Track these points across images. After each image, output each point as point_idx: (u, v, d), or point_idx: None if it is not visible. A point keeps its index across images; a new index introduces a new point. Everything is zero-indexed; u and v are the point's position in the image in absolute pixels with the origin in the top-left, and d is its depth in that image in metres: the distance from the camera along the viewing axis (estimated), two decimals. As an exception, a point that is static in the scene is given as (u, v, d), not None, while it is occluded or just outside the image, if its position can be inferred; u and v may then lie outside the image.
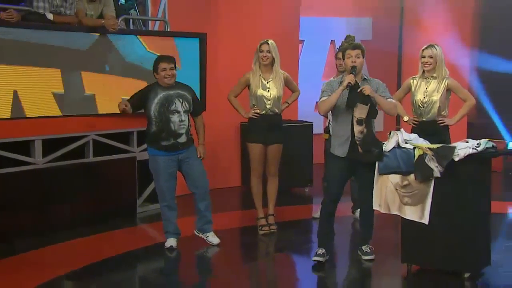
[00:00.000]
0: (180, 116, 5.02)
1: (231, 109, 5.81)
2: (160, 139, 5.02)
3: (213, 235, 5.28)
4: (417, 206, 4.48)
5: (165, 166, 5.04)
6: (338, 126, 4.74)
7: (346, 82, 4.57)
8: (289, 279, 4.86)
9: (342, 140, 4.69)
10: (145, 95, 5.05)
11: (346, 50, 4.70)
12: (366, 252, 4.91)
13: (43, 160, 5.50)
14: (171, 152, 5.04)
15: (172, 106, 5.01)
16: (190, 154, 5.12)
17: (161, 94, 5.01)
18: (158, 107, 4.99)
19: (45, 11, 5.47)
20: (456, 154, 4.34)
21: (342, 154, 4.70)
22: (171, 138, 5.02)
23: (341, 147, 4.70)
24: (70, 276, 4.59)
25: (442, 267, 4.53)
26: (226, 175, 7.66)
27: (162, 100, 5.00)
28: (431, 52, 5.26)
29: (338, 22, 8.93)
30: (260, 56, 5.50)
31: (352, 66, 4.64)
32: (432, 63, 5.26)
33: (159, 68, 5.01)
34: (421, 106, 5.36)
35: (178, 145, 5.04)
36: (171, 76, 5.03)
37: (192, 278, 4.82)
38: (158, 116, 5.00)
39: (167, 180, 5.08)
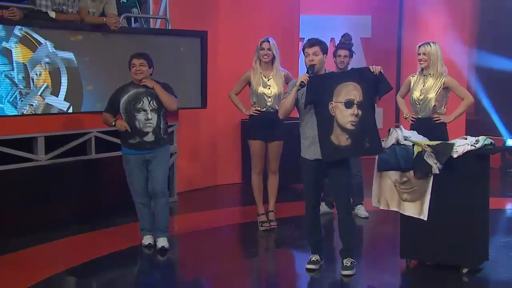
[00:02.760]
0: (146, 115, 4.89)
1: (232, 107, 5.82)
2: (128, 137, 4.94)
3: (162, 240, 5.05)
4: (416, 202, 4.49)
5: (135, 165, 4.95)
6: (303, 128, 4.46)
7: (299, 81, 4.29)
8: (289, 275, 4.87)
9: (308, 142, 4.41)
10: (116, 97, 4.97)
11: (304, 48, 4.41)
12: (346, 266, 4.46)
13: (45, 157, 5.52)
14: (139, 151, 4.93)
15: (139, 104, 4.90)
16: (158, 154, 4.97)
17: (131, 92, 4.92)
18: (125, 104, 4.91)
19: (47, 9, 5.47)
20: (454, 151, 4.35)
21: (311, 157, 4.40)
22: (137, 137, 4.91)
23: (309, 149, 4.41)
24: (70, 273, 4.59)
25: (441, 262, 4.54)
26: (227, 172, 7.68)
27: (130, 98, 4.91)
28: (424, 49, 5.27)
29: (337, 20, 8.96)
30: (261, 54, 5.54)
31: (310, 65, 4.34)
32: (426, 60, 5.27)
33: (131, 64, 4.94)
34: (418, 103, 5.38)
35: (145, 144, 4.92)
36: (140, 72, 4.89)
37: (192, 274, 4.81)
38: (125, 113, 4.92)
39: (138, 178, 4.98)
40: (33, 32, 5.37)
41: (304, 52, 4.43)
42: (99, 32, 5.77)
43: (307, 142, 4.42)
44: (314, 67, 4.36)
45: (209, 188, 7.45)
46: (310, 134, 4.40)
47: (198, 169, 7.38)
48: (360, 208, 6.12)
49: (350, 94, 4.28)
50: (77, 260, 4.80)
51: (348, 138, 4.29)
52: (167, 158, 5.15)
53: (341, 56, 5.96)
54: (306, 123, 4.42)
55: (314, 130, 4.36)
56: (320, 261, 4.62)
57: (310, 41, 4.45)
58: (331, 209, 6.14)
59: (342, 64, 5.96)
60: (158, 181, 5.01)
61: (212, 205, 6.80)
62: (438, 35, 7.66)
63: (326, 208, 6.12)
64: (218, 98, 6.97)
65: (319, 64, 4.38)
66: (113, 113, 5.00)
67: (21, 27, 5.28)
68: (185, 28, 6.54)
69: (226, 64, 7.33)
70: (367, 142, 4.30)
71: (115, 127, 4.96)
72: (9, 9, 5.17)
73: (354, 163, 5.95)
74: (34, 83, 5.41)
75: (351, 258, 4.51)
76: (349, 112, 4.28)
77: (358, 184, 6.08)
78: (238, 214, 6.45)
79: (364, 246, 5.57)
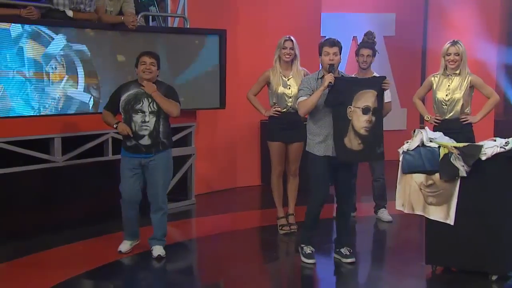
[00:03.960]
0: (143, 117, 4.70)
1: (251, 108, 5.76)
2: (125, 138, 4.78)
3: (158, 248, 4.89)
4: (442, 206, 4.41)
5: (128, 168, 4.77)
6: (314, 125, 4.60)
7: (326, 82, 4.44)
8: (311, 280, 4.80)
9: (320, 139, 4.57)
10: (118, 95, 4.80)
11: (323, 47, 4.56)
12: (347, 254, 4.75)
13: (62, 158, 5.49)
14: (134, 154, 4.76)
15: (138, 104, 4.72)
16: (157, 161, 4.77)
17: (132, 91, 4.74)
18: (124, 103, 4.73)
19: (65, 8, 5.47)
20: (483, 153, 4.25)
21: (320, 153, 4.58)
22: (132, 139, 4.73)
23: (320, 146, 4.57)
24: (89, 275, 4.57)
25: (468, 268, 4.45)
26: (246, 174, 7.61)
27: (130, 97, 4.73)
28: (457, 49, 5.14)
29: (360, 18, 8.79)
30: (283, 53, 5.43)
31: (330, 65, 4.52)
32: (458, 60, 5.15)
33: (139, 62, 4.74)
34: (444, 104, 5.26)
35: (141, 148, 4.73)
36: (149, 71, 4.72)
37: (211, 278, 4.78)
38: (123, 113, 4.74)
39: (129, 182, 4.78)
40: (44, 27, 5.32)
41: (323, 51, 4.58)
42: (117, 31, 5.72)
43: (318, 139, 4.59)
44: (334, 66, 4.54)
45: (228, 191, 7.39)
46: (323, 132, 4.57)
47: (217, 171, 7.32)
48: (383, 212, 5.98)
49: (368, 101, 4.52)
50: (96, 262, 4.77)
51: (360, 143, 4.54)
52: (168, 164, 4.89)
53: (363, 55, 5.79)
54: (319, 120, 4.58)
55: (327, 128, 4.54)
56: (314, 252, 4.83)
57: (331, 41, 4.60)
58: (353, 213, 6.04)
59: (365, 64, 5.80)
60: (158, 193, 4.83)
61: (231, 207, 6.74)
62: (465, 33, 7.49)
63: None
64: (237, 99, 6.89)
65: (337, 64, 4.57)
66: (113, 111, 4.84)
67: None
68: (203, 27, 6.49)
69: (245, 63, 7.27)
70: (379, 148, 4.62)
71: (116, 129, 4.78)
72: (27, 8, 5.18)
73: (378, 165, 5.83)
74: (51, 78, 5.35)
75: (348, 247, 4.78)
76: (365, 118, 4.52)
77: (381, 187, 5.95)
78: (258, 217, 6.39)
79: (389, 251, 5.49)
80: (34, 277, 4.51)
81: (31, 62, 5.24)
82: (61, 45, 5.41)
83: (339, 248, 4.82)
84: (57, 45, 5.39)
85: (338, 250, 4.83)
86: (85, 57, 5.57)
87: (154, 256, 4.88)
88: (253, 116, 7.02)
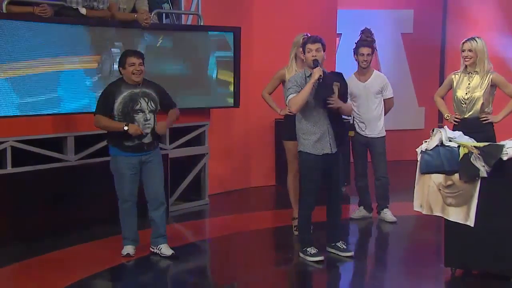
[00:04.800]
0: (145, 116, 4.70)
1: (265, 106, 5.71)
2: (123, 139, 4.69)
3: (166, 247, 4.89)
4: (462, 207, 4.33)
5: (128, 168, 4.72)
6: (309, 124, 4.68)
7: (316, 75, 4.54)
8: (325, 282, 4.74)
9: (316, 138, 4.66)
10: (111, 98, 4.69)
11: (306, 45, 4.70)
12: (344, 248, 4.87)
13: (75, 157, 5.47)
14: (135, 153, 4.72)
15: (137, 105, 4.68)
16: (153, 157, 4.81)
17: (126, 93, 4.67)
18: (121, 106, 4.65)
19: (78, 5, 5.45)
20: (504, 153, 4.16)
21: (319, 152, 4.67)
22: (135, 139, 4.68)
23: (316, 145, 4.67)
24: (103, 275, 4.54)
25: (488, 271, 4.36)
26: (260, 174, 7.56)
27: (126, 99, 4.66)
28: (470, 45, 5.04)
29: (377, 14, 8.68)
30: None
31: (314, 60, 4.63)
32: (472, 57, 5.05)
33: (126, 63, 4.65)
34: (463, 103, 5.16)
35: (143, 146, 4.73)
36: (140, 73, 4.66)
37: (224, 279, 4.72)
38: (121, 116, 4.67)
39: (130, 183, 4.76)
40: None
41: (306, 48, 4.71)
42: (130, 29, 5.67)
43: (314, 138, 4.68)
44: (318, 61, 4.64)
45: (242, 190, 7.33)
46: (319, 131, 4.68)
47: (230, 170, 7.27)
48: (387, 212, 5.89)
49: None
50: (109, 262, 4.76)
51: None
52: (161, 159, 4.94)
53: (363, 54, 5.73)
54: (313, 119, 4.67)
55: (323, 126, 4.67)
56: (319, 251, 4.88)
57: (313, 38, 4.74)
58: (370, 213, 5.98)
59: (365, 63, 5.74)
60: (159, 188, 4.86)
61: (245, 208, 6.68)
62: (486, 30, 7.33)
63: (364, 213, 5.98)
64: (252, 97, 6.83)
65: (321, 60, 4.67)
66: (107, 115, 4.72)
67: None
68: (217, 24, 6.42)
69: (260, 61, 7.22)
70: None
71: (128, 132, 4.67)
72: (40, 6, 5.17)
73: (381, 164, 5.78)
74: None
75: (342, 240, 4.91)
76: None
77: (384, 187, 5.88)
78: (272, 218, 6.33)
79: (407, 254, 5.40)
80: (45, 278, 4.49)
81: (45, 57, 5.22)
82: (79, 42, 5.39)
83: (334, 242, 4.89)
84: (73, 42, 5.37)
85: (333, 244, 4.89)
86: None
87: (167, 255, 4.85)
88: (267, 115, 6.96)
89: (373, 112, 5.78)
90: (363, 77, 5.81)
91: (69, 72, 5.34)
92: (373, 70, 5.88)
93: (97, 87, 5.42)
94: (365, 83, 5.79)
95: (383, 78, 5.88)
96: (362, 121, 5.80)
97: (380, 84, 5.81)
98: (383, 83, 5.82)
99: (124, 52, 4.86)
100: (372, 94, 5.77)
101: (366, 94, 5.77)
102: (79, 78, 5.42)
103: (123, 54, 4.80)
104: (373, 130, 5.80)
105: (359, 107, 5.78)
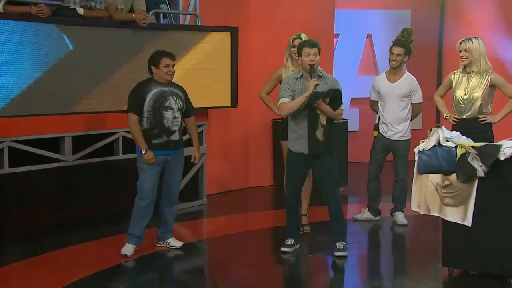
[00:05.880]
0: (173, 113, 4.83)
1: (263, 107, 5.72)
2: (151, 136, 4.80)
3: (174, 239, 5.10)
4: (459, 207, 4.33)
5: (155, 165, 4.82)
6: (293, 122, 4.78)
7: (311, 88, 4.59)
8: (324, 282, 4.74)
9: (296, 136, 4.77)
10: (142, 95, 4.78)
11: (304, 48, 4.69)
12: (339, 248, 4.89)
13: (73, 157, 5.46)
14: (163, 151, 4.83)
15: (166, 102, 4.82)
16: (178, 157, 4.96)
17: (155, 90, 4.81)
18: (152, 102, 4.78)
19: (75, 5, 5.43)
20: (501, 153, 4.16)
21: (295, 149, 4.80)
22: (164, 136, 4.83)
23: (295, 142, 4.79)
24: (100, 276, 4.54)
25: (486, 271, 4.36)
26: (258, 174, 7.55)
27: (157, 96, 4.80)
28: (466, 45, 5.05)
29: (375, 14, 8.69)
30: (293, 51, 5.33)
31: (310, 66, 4.65)
32: (468, 57, 5.06)
33: (161, 63, 4.80)
34: (462, 103, 5.16)
35: (171, 143, 4.85)
36: (173, 74, 4.85)
37: (222, 279, 4.72)
38: (151, 112, 4.78)
39: (153, 180, 4.85)
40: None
41: (303, 52, 4.69)
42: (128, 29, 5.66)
43: (295, 136, 4.79)
44: (314, 68, 4.66)
45: (240, 191, 7.33)
46: (299, 132, 4.76)
47: (228, 170, 7.26)
48: (399, 215, 5.87)
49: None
50: (108, 262, 4.76)
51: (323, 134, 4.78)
52: (184, 160, 5.09)
53: (393, 54, 5.64)
54: (296, 119, 4.75)
55: (302, 130, 4.73)
56: (295, 245, 5.01)
57: (311, 42, 4.74)
58: (376, 217, 5.94)
59: (394, 63, 5.64)
60: (176, 188, 5.03)
61: (243, 208, 6.69)
62: (484, 30, 7.33)
63: (369, 215, 5.96)
64: (249, 97, 6.83)
65: (317, 65, 4.71)
66: (139, 113, 4.82)
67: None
68: (215, 24, 6.41)
69: (258, 61, 7.21)
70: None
71: (143, 154, 4.78)
72: (37, 6, 5.15)
73: (401, 167, 5.73)
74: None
75: (343, 241, 4.90)
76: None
77: (402, 189, 5.83)
78: (270, 218, 6.31)
79: (404, 253, 5.42)
80: (46, 277, 4.49)
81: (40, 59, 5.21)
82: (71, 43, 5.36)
83: (333, 242, 4.93)
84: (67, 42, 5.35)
85: (334, 243, 4.92)
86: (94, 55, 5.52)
87: (177, 246, 5.06)
88: (265, 115, 6.96)
89: (397, 115, 5.66)
90: (393, 78, 5.67)
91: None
92: (405, 72, 5.73)
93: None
94: (393, 84, 5.66)
95: (413, 81, 5.70)
96: (385, 122, 5.72)
97: (409, 87, 5.65)
98: (412, 86, 5.67)
99: (158, 52, 4.92)
100: (398, 96, 5.64)
101: (392, 95, 5.65)
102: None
103: (157, 54, 4.88)
104: (395, 133, 5.70)
105: (384, 108, 5.70)
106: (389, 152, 5.82)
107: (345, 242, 4.93)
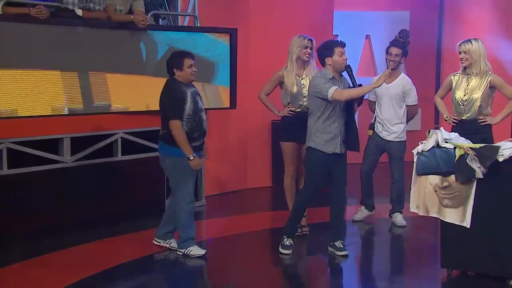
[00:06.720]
0: (204, 114, 4.83)
1: (262, 108, 5.70)
2: (191, 139, 4.73)
3: (175, 240, 5.01)
4: (458, 208, 4.33)
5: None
6: (324, 124, 4.78)
7: (382, 80, 4.67)
8: (323, 283, 4.75)
9: (329, 137, 4.78)
10: (183, 101, 4.67)
11: (337, 47, 4.77)
12: (340, 247, 4.92)
13: (71, 159, 5.46)
14: (197, 152, 4.80)
15: (200, 104, 4.78)
16: (203, 158, 4.95)
17: (189, 92, 4.72)
18: (192, 106, 4.67)
19: (74, 6, 5.42)
20: (500, 154, 4.17)
21: (329, 151, 4.80)
22: (202, 138, 4.81)
23: (329, 144, 4.79)
24: (99, 277, 4.53)
25: (485, 272, 4.36)
26: (257, 175, 7.54)
27: (193, 99, 4.70)
28: (465, 47, 5.06)
29: (373, 16, 8.69)
30: (304, 52, 5.34)
31: (347, 65, 4.79)
32: (468, 59, 5.06)
33: (185, 64, 4.71)
34: (461, 104, 5.17)
35: (203, 146, 4.86)
36: (196, 73, 4.77)
37: (221, 281, 4.73)
38: (192, 115, 4.68)
39: (193, 182, 4.91)
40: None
41: (336, 51, 4.78)
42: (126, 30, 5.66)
43: (328, 137, 4.79)
44: (350, 66, 4.84)
45: (239, 192, 7.33)
46: (333, 131, 4.78)
47: (227, 171, 7.26)
48: (398, 216, 5.87)
49: None
50: (108, 262, 4.76)
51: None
52: None
53: (391, 54, 5.64)
54: (329, 118, 4.77)
55: (337, 128, 4.78)
56: (293, 245, 5.02)
57: (343, 42, 4.85)
58: (372, 211, 5.98)
59: (392, 64, 5.64)
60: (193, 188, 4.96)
61: (242, 209, 6.67)
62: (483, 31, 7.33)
63: (366, 212, 5.98)
64: (248, 98, 6.83)
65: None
66: (182, 118, 4.69)
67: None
68: (214, 25, 6.41)
69: (256, 62, 7.20)
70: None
71: (191, 160, 4.69)
72: (36, 7, 5.14)
73: (397, 168, 5.73)
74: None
75: (341, 240, 4.94)
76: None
77: (399, 190, 5.82)
78: (269, 219, 6.31)
79: (403, 255, 5.42)
80: (46, 278, 4.49)
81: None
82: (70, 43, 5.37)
83: (333, 242, 4.95)
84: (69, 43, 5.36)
85: (332, 243, 4.96)
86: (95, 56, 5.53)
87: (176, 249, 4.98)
88: (264, 116, 6.96)
89: (392, 116, 5.67)
90: (389, 79, 5.61)
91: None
92: (401, 73, 5.73)
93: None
94: (388, 85, 5.65)
95: (408, 83, 5.70)
96: (380, 122, 5.74)
97: (402, 89, 5.66)
98: (405, 88, 5.67)
99: (178, 53, 4.85)
100: (391, 97, 5.66)
101: (386, 96, 5.67)
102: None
103: (178, 55, 4.79)
104: (389, 133, 5.72)
105: (379, 107, 5.72)
106: (383, 152, 5.84)
107: (344, 241, 4.95)
